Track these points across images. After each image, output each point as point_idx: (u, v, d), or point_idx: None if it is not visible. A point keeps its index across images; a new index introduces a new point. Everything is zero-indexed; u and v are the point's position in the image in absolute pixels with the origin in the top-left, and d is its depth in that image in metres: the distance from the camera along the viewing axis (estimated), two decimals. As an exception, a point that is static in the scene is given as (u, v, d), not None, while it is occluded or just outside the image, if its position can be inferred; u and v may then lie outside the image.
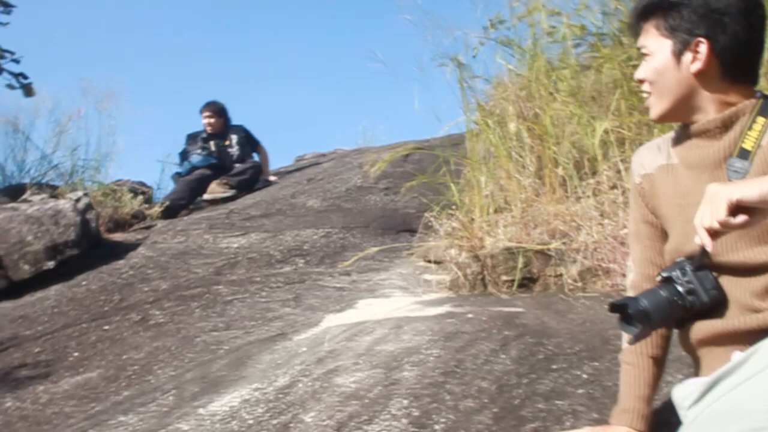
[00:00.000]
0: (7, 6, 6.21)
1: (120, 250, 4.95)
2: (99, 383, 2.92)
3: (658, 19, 1.54)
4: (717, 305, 1.45)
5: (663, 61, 1.53)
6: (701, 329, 1.48)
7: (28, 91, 6.32)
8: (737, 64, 1.50)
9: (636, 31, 1.61)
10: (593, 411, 1.77)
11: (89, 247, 4.87)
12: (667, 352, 1.63)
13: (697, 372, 1.52)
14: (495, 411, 1.83)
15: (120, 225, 5.74)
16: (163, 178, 7.30)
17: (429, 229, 3.84)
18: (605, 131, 3.36)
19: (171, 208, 6.17)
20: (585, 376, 1.98)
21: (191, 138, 7.07)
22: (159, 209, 6.15)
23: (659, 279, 1.50)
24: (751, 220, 1.26)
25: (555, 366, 2.05)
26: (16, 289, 4.44)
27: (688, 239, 1.42)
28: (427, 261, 3.84)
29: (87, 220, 5.01)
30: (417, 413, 1.88)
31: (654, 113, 1.58)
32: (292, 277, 3.95)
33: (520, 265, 3.10)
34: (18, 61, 6.29)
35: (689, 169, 1.54)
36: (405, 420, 1.86)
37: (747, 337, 1.39)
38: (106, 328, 3.58)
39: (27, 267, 4.57)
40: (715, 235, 1.29)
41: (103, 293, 4.16)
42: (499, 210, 3.56)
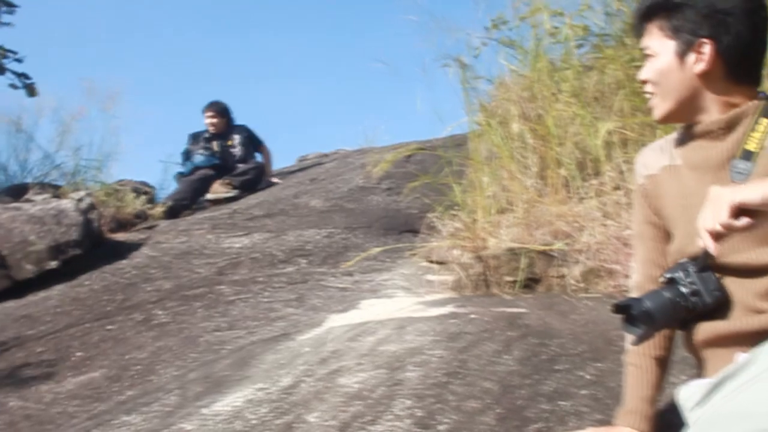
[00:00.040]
0: (11, 6, 6.21)
1: (123, 250, 4.96)
2: (102, 383, 2.93)
3: (661, 20, 1.54)
4: (720, 306, 1.45)
5: (666, 62, 1.52)
6: (705, 330, 1.47)
7: (30, 91, 6.32)
8: (741, 64, 1.50)
9: (639, 32, 1.60)
10: (597, 412, 1.77)
11: (92, 247, 4.89)
12: (671, 353, 1.63)
13: (701, 373, 1.51)
14: (499, 412, 1.83)
15: (123, 225, 5.74)
16: (166, 178, 7.32)
17: (432, 230, 3.84)
18: (608, 132, 3.36)
19: (174, 208, 6.17)
20: (588, 377, 1.98)
21: (194, 138, 7.06)
22: (162, 209, 6.16)
23: (663, 280, 1.50)
24: (754, 222, 1.26)
25: (558, 367, 2.05)
26: (19, 289, 4.45)
27: (691, 240, 1.41)
28: (430, 261, 3.84)
29: (90, 219, 5.02)
30: (421, 414, 1.88)
31: (657, 114, 1.57)
32: (294, 278, 3.96)
33: (523, 266, 3.10)
34: (21, 61, 6.29)
35: (692, 170, 1.53)
36: (409, 420, 1.86)
37: (751, 339, 1.39)
38: (109, 327, 3.59)
39: (30, 267, 4.58)
40: (718, 238, 1.29)
41: (106, 293, 4.17)
42: (502, 211, 3.56)
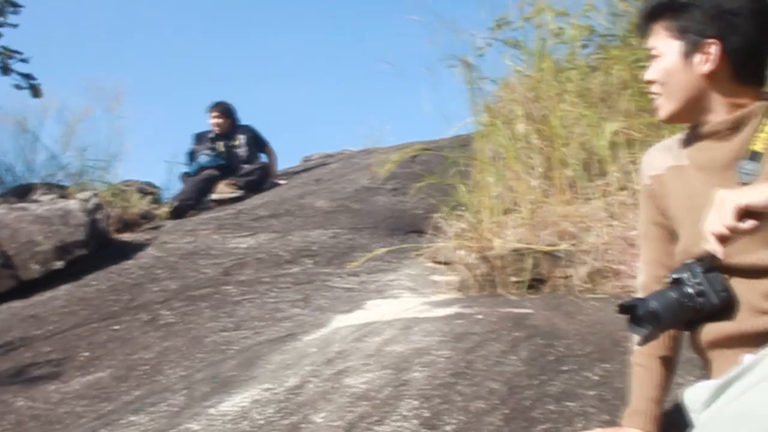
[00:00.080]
0: (16, 6, 6.23)
1: (129, 250, 4.97)
2: (109, 383, 2.94)
3: (667, 20, 1.54)
4: (727, 307, 1.45)
5: (673, 63, 1.52)
6: (711, 331, 1.47)
7: (35, 92, 6.34)
8: (747, 65, 1.49)
9: (645, 32, 1.60)
10: (604, 413, 1.77)
11: (98, 247, 4.91)
12: (678, 353, 1.62)
13: (708, 374, 1.51)
14: (505, 412, 1.83)
15: (128, 225, 5.76)
16: (171, 178, 7.33)
17: (437, 230, 3.84)
18: (614, 132, 3.36)
19: (179, 208, 6.19)
20: (595, 377, 1.97)
21: (199, 138, 7.07)
22: (167, 209, 6.17)
23: (669, 280, 1.50)
24: (760, 224, 1.26)
25: (565, 367, 2.05)
26: (25, 289, 4.47)
27: (697, 241, 1.41)
28: (436, 262, 3.84)
29: (96, 220, 5.04)
30: (427, 414, 1.88)
31: (663, 114, 1.57)
32: (300, 278, 3.96)
33: (528, 267, 3.10)
34: (26, 61, 6.31)
35: (699, 171, 1.53)
36: (415, 421, 1.86)
37: (757, 340, 1.39)
38: (115, 328, 3.60)
39: (36, 267, 4.60)
40: (724, 241, 1.29)
41: (113, 293, 4.18)
42: (508, 211, 3.56)
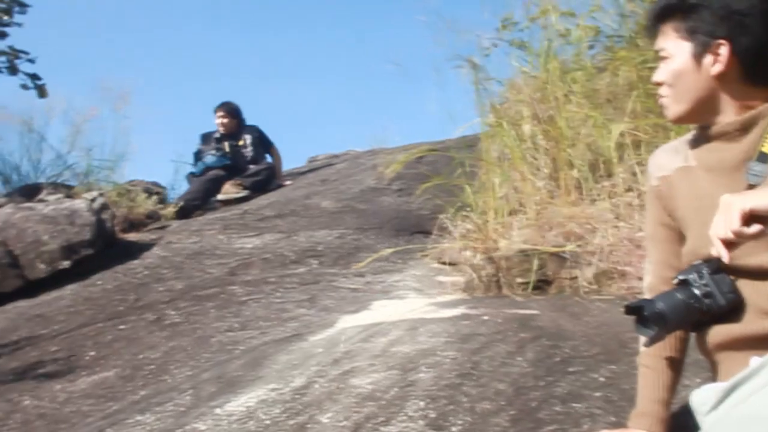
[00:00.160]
0: (23, 6, 6.25)
1: (135, 250, 4.98)
2: (116, 382, 2.94)
3: (676, 21, 1.53)
4: (735, 309, 1.44)
5: (682, 64, 1.51)
6: (719, 333, 1.47)
7: (41, 92, 6.36)
8: (757, 66, 1.48)
9: (653, 33, 1.59)
10: (611, 414, 1.77)
11: (104, 247, 4.91)
12: (685, 355, 1.62)
13: (715, 377, 1.51)
14: (512, 413, 1.83)
15: (134, 225, 5.77)
16: (177, 178, 7.35)
17: (443, 231, 3.84)
18: (621, 134, 3.35)
19: (185, 208, 6.20)
20: (602, 379, 1.97)
21: (205, 138, 7.08)
22: (173, 209, 6.19)
23: (676, 282, 1.49)
24: (766, 229, 1.25)
25: (572, 369, 2.05)
26: (32, 289, 4.48)
27: (705, 242, 1.40)
28: (442, 263, 3.84)
29: (102, 220, 5.04)
30: (434, 415, 1.88)
31: (672, 115, 1.56)
32: (306, 278, 3.97)
33: (534, 268, 3.09)
34: (33, 61, 6.33)
35: (707, 172, 1.53)
36: (422, 422, 1.86)
37: (765, 342, 1.38)
38: (122, 327, 3.61)
39: (43, 266, 4.61)
40: (730, 246, 1.29)
41: (119, 293, 4.19)
42: (514, 212, 3.56)
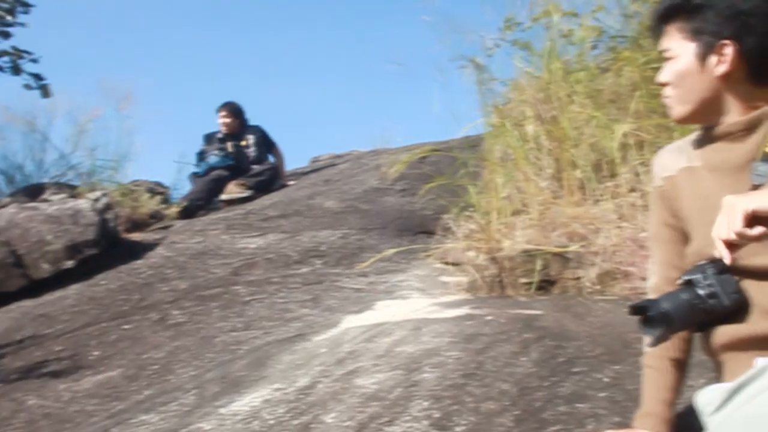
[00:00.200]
0: (26, 5, 6.26)
1: (138, 249, 4.99)
2: (120, 382, 2.95)
3: (681, 22, 1.52)
4: (739, 309, 1.44)
5: (687, 64, 1.51)
6: (724, 334, 1.46)
7: (45, 92, 6.37)
8: (763, 66, 1.48)
9: (658, 34, 1.59)
10: (615, 414, 1.76)
11: (108, 247, 4.92)
12: (690, 355, 1.62)
13: (720, 377, 1.50)
14: (516, 413, 1.83)
15: (138, 225, 5.78)
16: (180, 178, 7.35)
17: (446, 231, 3.85)
18: (624, 134, 3.35)
19: (188, 208, 6.20)
20: (606, 379, 1.97)
21: (208, 138, 7.09)
22: (176, 209, 6.19)
23: (680, 282, 1.49)
24: None
25: (576, 369, 2.05)
26: (36, 288, 4.50)
27: (709, 242, 1.40)
28: (445, 263, 3.85)
29: (106, 219, 5.05)
30: (438, 415, 1.88)
31: (676, 115, 1.56)
32: (309, 278, 3.97)
33: (538, 268, 3.10)
34: (36, 61, 6.35)
35: (712, 172, 1.52)
36: (426, 422, 1.86)
37: (770, 343, 1.39)
38: (126, 327, 3.61)
39: (47, 266, 4.62)
40: (733, 247, 1.29)
41: (123, 293, 4.20)
42: (517, 212, 3.56)
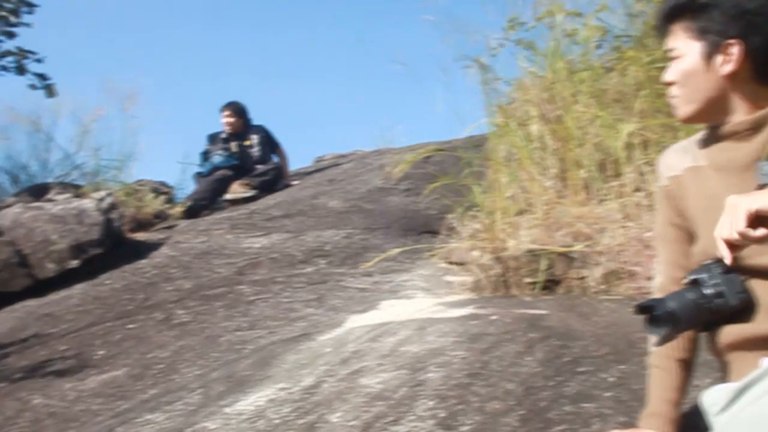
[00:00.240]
0: (30, 5, 6.28)
1: (143, 249, 5.00)
2: (125, 381, 2.95)
3: (686, 21, 1.52)
4: (746, 309, 1.43)
5: (692, 64, 1.51)
6: (730, 333, 1.46)
7: (50, 92, 6.39)
8: None
9: (663, 33, 1.59)
10: (621, 414, 1.76)
11: (113, 247, 4.92)
12: (696, 355, 1.62)
13: (726, 377, 1.50)
14: (522, 413, 1.83)
15: (142, 225, 5.79)
16: (184, 178, 7.35)
17: (451, 231, 3.85)
18: (629, 133, 3.35)
19: (193, 208, 6.20)
20: (612, 379, 1.97)
21: (212, 138, 7.09)
22: (181, 209, 6.19)
23: (687, 281, 1.49)
24: None
25: (581, 369, 2.05)
26: (41, 288, 4.50)
27: (715, 242, 1.41)
28: (449, 262, 3.85)
29: (111, 219, 5.06)
30: (443, 414, 1.88)
31: (682, 115, 1.56)
32: (314, 278, 3.97)
33: (542, 268, 3.09)
34: (41, 61, 6.36)
35: (717, 171, 1.52)
36: (431, 421, 1.86)
37: (777, 343, 1.39)
38: (130, 326, 3.62)
39: (52, 266, 4.63)
40: (735, 247, 1.29)
41: (127, 292, 4.20)
42: (522, 212, 3.56)
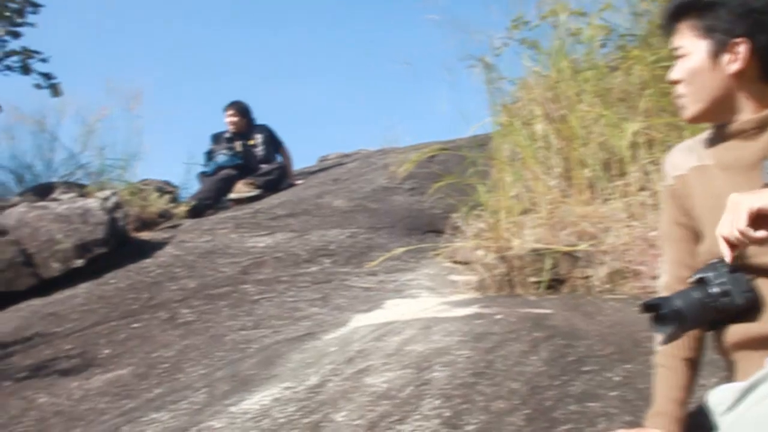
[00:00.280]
0: (35, 6, 6.29)
1: (147, 248, 5.00)
2: (131, 380, 2.96)
3: (693, 20, 1.52)
4: (752, 308, 1.43)
5: (699, 62, 1.51)
6: (736, 333, 1.46)
7: (55, 91, 6.41)
8: None
9: (669, 32, 1.58)
10: (626, 413, 1.76)
11: (117, 246, 4.94)
12: (702, 354, 1.61)
13: (732, 377, 1.50)
14: (527, 412, 1.83)
15: (147, 224, 5.80)
16: (189, 177, 7.37)
17: (455, 230, 3.84)
18: (634, 132, 3.34)
19: (197, 207, 6.21)
20: (617, 378, 1.97)
21: (216, 138, 7.10)
22: (185, 208, 6.20)
23: (693, 280, 1.49)
24: None
25: (586, 368, 2.04)
26: (45, 287, 4.51)
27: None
28: (454, 262, 3.84)
29: (115, 218, 5.07)
30: (448, 414, 1.88)
31: (688, 114, 1.56)
32: (318, 277, 3.97)
33: (547, 267, 3.09)
34: (46, 61, 6.38)
35: (723, 171, 1.52)
36: (437, 420, 1.86)
37: (783, 342, 1.38)
38: (135, 326, 3.63)
39: (57, 265, 4.64)
40: (735, 246, 1.29)
41: (132, 291, 4.21)
42: (526, 211, 3.56)
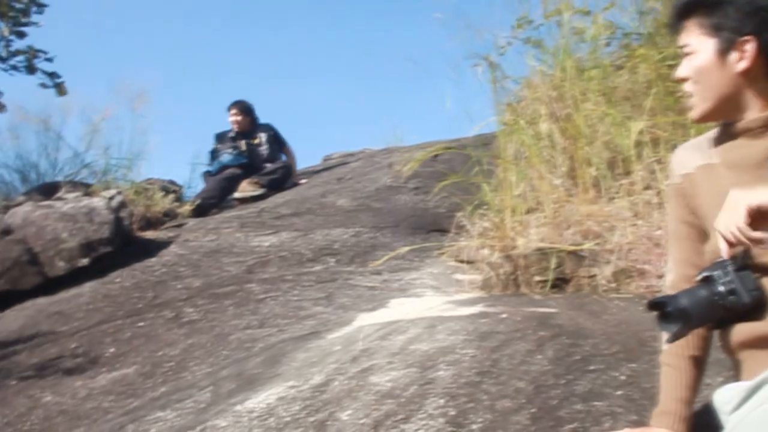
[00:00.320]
0: (40, 5, 6.30)
1: (152, 247, 5.01)
2: (136, 379, 2.96)
3: (700, 17, 1.52)
4: (759, 307, 1.43)
5: (707, 60, 1.51)
6: (742, 332, 1.45)
7: (60, 91, 6.41)
8: None
9: (676, 30, 1.58)
10: (632, 413, 1.76)
11: (122, 245, 4.94)
12: (708, 353, 1.61)
13: (738, 376, 1.49)
14: (532, 411, 1.83)
15: (152, 223, 5.80)
16: (193, 176, 7.37)
17: (460, 229, 3.84)
18: (639, 131, 3.34)
19: (202, 206, 6.21)
20: (623, 377, 1.96)
21: (220, 137, 7.11)
22: (190, 208, 6.21)
23: (700, 278, 1.48)
24: None
25: (592, 367, 2.04)
26: (51, 286, 4.53)
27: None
28: (459, 261, 3.84)
29: (120, 218, 5.08)
30: (453, 412, 1.88)
31: (696, 113, 1.56)
32: (323, 276, 3.98)
33: (552, 266, 3.09)
34: (51, 60, 6.38)
35: (730, 169, 1.52)
36: (442, 419, 1.86)
37: (790, 341, 1.38)
38: (140, 324, 3.63)
39: (62, 264, 4.65)
40: (734, 243, 1.28)
41: (137, 290, 4.21)
42: (531, 210, 3.55)
